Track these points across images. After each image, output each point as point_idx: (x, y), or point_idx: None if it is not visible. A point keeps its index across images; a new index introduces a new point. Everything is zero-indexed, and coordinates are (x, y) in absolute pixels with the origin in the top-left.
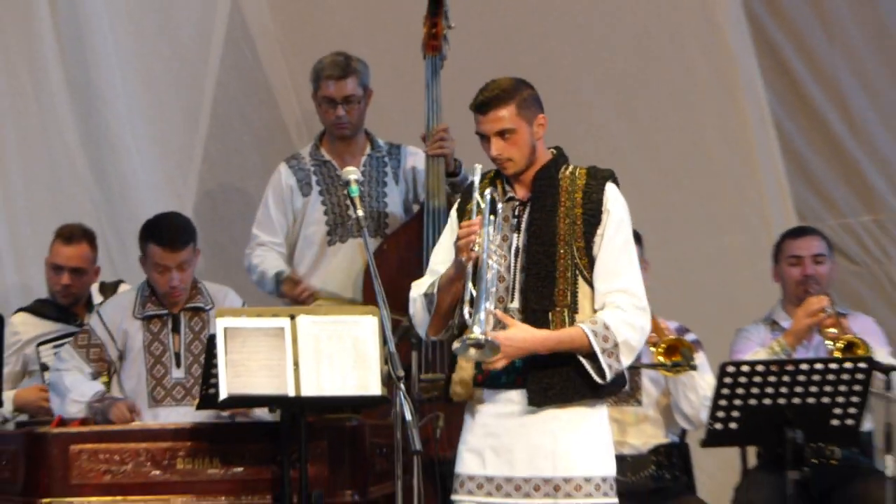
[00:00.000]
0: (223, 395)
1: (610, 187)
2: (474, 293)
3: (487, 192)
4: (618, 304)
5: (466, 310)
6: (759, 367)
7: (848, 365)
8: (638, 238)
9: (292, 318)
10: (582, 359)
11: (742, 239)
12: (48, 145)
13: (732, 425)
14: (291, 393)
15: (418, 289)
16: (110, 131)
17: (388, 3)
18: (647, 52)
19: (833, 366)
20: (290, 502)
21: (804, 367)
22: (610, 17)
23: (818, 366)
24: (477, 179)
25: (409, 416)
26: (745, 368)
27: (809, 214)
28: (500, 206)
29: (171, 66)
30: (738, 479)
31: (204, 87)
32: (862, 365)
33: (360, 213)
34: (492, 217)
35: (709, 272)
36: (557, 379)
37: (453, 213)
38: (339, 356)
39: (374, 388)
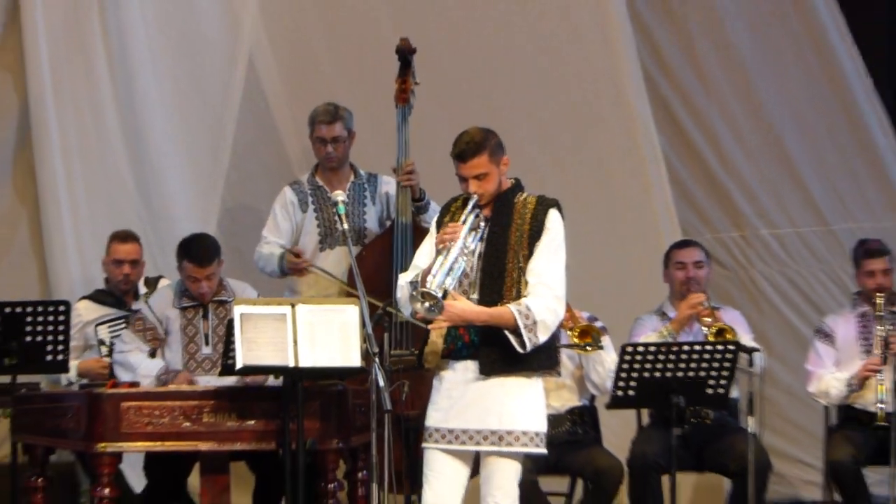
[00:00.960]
0: (239, 364)
1: (552, 212)
2: (438, 267)
3: (475, 213)
4: (539, 293)
5: (429, 277)
6: (652, 348)
7: (719, 347)
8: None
9: (293, 306)
10: (507, 333)
11: (639, 249)
12: (105, 170)
13: (631, 392)
14: (291, 364)
15: (405, 278)
16: (153, 161)
17: (368, 64)
18: (568, 106)
19: (708, 347)
20: (290, 448)
21: (686, 348)
22: (539, 79)
23: (696, 347)
24: (470, 206)
25: (381, 383)
26: (640, 349)
27: (691, 230)
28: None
29: (202, 111)
30: (635, 434)
31: (226, 127)
32: (730, 347)
33: (346, 226)
34: (474, 232)
35: (613, 274)
36: (503, 354)
37: (434, 223)
38: (328, 336)
39: (355, 360)
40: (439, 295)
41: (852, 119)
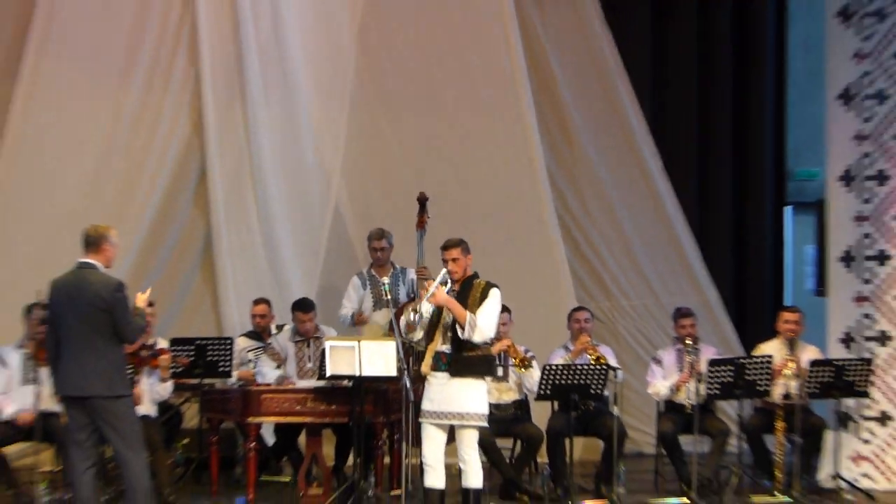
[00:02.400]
0: (328, 374)
1: (493, 289)
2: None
3: (448, 287)
4: (481, 323)
5: (419, 306)
6: (560, 367)
7: (598, 367)
8: (507, 309)
9: (358, 342)
10: (458, 326)
11: (553, 311)
12: (254, 266)
13: (548, 392)
14: (357, 374)
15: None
16: (281, 260)
17: (401, 205)
18: (510, 233)
19: (591, 367)
20: (356, 422)
21: (579, 367)
22: (493, 218)
23: (585, 367)
24: (439, 279)
25: (408, 384)
26: (554, 367)
27: (582, 300)
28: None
29: (308, 234)
30: (550, 415)
31: (321, 242)
32: (604, 367)
33: (389, 297)
34: (443, 286)
35: (539, 325)
36: (463, 367)
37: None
38: (378, 358)
39: (393, 371)
40: (419, 314)
41: (672, 239)
